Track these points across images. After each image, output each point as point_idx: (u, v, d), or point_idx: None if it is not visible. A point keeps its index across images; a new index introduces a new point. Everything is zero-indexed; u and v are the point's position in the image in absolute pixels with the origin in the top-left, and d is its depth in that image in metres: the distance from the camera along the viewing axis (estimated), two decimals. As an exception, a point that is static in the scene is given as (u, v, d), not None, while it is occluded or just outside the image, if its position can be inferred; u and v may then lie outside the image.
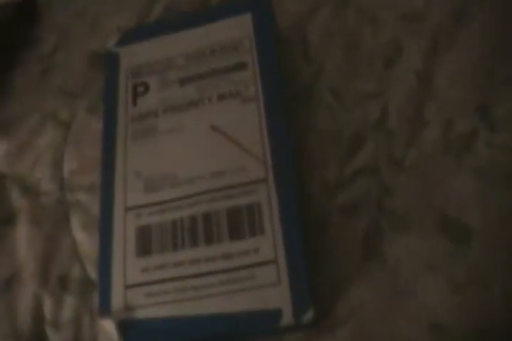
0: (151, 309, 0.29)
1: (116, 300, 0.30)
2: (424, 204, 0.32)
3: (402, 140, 0.34)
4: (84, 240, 0.35)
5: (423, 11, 0.38)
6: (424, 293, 0.30)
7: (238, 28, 0.37)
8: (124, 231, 0.32)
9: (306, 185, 0.34)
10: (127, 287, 0.30)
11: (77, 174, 0.38)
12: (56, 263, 0.35)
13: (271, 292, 0.29)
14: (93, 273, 0.34)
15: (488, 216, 0.31)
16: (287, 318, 0.28)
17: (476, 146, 0.33)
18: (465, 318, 0.29)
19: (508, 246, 0.30)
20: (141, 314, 0.29)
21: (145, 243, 0.31)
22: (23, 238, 0.36)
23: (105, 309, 0.30)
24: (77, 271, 0.35)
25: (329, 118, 0.36)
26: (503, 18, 0.36)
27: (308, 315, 0.28)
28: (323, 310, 0.31)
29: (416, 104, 0.35)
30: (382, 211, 0.32)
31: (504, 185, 0.32)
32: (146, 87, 0.36)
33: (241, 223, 0.30)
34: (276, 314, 0.28)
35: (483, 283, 0.29)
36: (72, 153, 0.39)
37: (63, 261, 0.35)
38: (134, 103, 0.36)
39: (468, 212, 0.31)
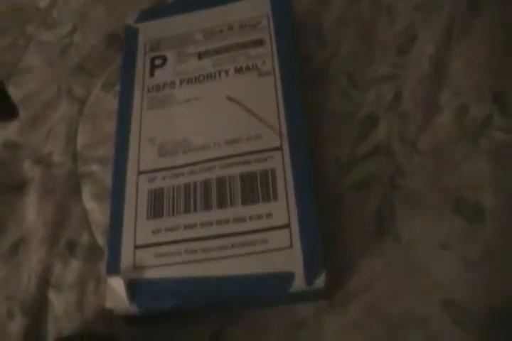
0: (160, 269, 0.29)
1: (126, 259, 0.30)
2: (437, 184, 0.32)
3: (415, 122, 0.34)
4: (95, 209, 0.35)
5: (438, 1, 0.38)
6: (438, 270, 0.30)
7: (257, 8, 0.37)
8: (136, 194, 0.31)
9: (319, 162, 0.34)
10: (137, 247, 0.30)
11: (90, 147, 0.38)
12: (65, 230, 0.35)
13: (283, 256, 0.28)
14: (101, 241, 0.34)
15: (503, 196, 0.31)
16: (299, 281, 0.27)
17: (490, 131, 0.33)
18: (478, 295, 0.28)
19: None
20: (150, 274, 0.29)
21: (157, 205, 0.31)
22: (34, 206, 0.36)
23: (114, 267, 0.29)
24: (85, 238, 0.34)
25: (343, 99, 0.36)
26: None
27: (321, 279, 0.27)
28: (335, 284, 0.30)
29: (430, 89, 0.35)
30: (395, 189, 0.32)
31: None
32: (164, 60, 0.36)
33: (255, 188, 0.30)
34: (288, 277, 0.28)
35: (497, 261, 0.29)
36: (86, 126, 0.39)
37: (72, 228, 0.35)
38: (151, 75, 0.36)
39: (482, 192, 0.31)
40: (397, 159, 0.33)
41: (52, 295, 0.33)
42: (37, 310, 0.33)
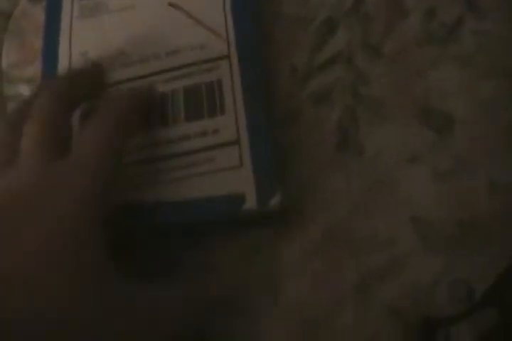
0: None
1: None
2: (403, 93, 0.29)
3: (379, 27, 0.31)
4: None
5: None
6: (405, 184, 0.27)
7: None
8: (70, 116, 0.28)
9: (273, 73, 0.31)
10: None
11: (17, 66, 0.34)
12: None
13: (233, 175, 0.26)
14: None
15: (473, 105, 0.28)
16: (251, 203, 0.25)
17: (461, 35, 0.30)
18: (448, 210, 0.26)
19: (493, 135, 0.28)
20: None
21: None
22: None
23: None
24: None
25: (298, 2, 0.32)
26: None
27: (275, 200, 0.25)
28: (292, 205, 0.28)
29: (395, -9, 0.32)
30: (357, 99, 0.29)
31: (489, 73, 0.29)
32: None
33: (199, 102, 0.27)
34: (239, 199, 0.25)
35: (468, 172, 0.27)
36: (12, 43, 0.35)
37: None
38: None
39: (451, 101, 0.29)
40: (360, 66, 0.30)
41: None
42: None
